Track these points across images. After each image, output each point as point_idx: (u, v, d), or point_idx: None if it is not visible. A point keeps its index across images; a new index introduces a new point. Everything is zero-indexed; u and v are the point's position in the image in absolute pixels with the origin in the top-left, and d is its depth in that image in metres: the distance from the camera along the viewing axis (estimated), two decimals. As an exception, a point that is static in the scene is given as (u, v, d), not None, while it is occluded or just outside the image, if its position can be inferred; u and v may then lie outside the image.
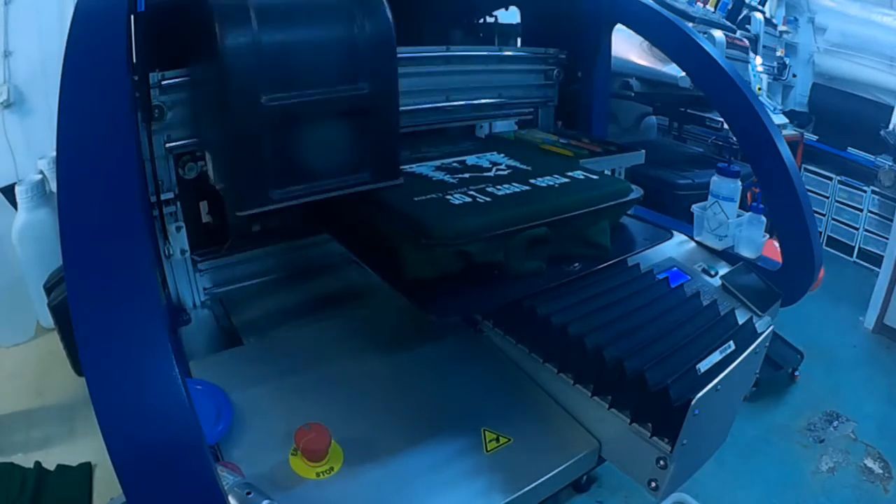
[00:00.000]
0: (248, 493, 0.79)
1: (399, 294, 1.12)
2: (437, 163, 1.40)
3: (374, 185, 1.14)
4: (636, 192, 1.30)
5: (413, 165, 1.37)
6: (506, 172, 1.33)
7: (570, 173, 1.31)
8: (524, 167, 1.37)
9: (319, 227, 1.44)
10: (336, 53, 1.03)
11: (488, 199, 1.15)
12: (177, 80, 1.23)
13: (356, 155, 1.11)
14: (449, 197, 1.16)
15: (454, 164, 1.38)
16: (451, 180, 1.26)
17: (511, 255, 1.09)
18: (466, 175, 1.30)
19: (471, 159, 1.43)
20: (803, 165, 4.03)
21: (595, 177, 1.31)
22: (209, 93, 1.08)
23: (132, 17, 1.05)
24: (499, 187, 1.21)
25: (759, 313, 1.32)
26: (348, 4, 1.02)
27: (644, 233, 1.42)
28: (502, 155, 1.47)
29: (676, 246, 1.60)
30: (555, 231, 1.13)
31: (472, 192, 1.18)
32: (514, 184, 1.24)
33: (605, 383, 1.01)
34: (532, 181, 1.26)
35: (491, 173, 1.32)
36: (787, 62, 4.27)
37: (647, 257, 1.46)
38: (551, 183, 1.25)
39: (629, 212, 1.47)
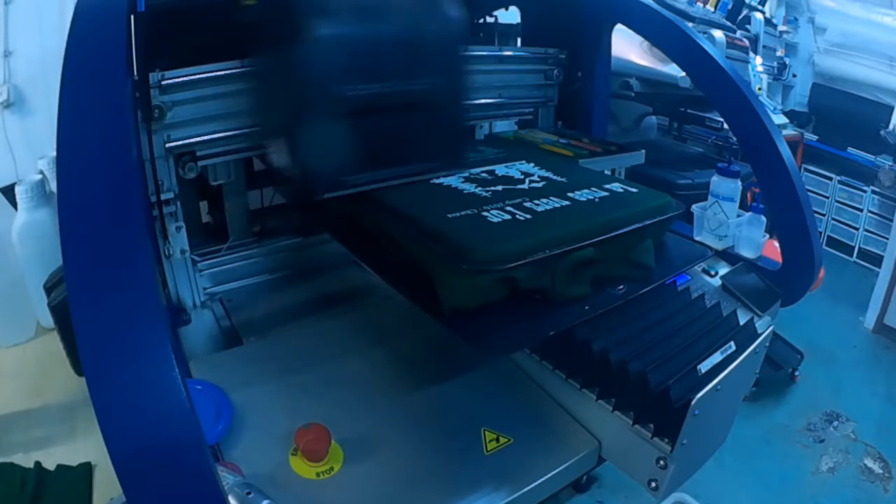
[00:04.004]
0: (248, 493, 0.79)
1: (398, 293, 1.10)
2: (465, 173, 1.29)
3: (441, 172, 1.20)
4: (678, 205, 1.20)
5: (439, 176, 1.27)
6: (540, 185, 1.23)
7: (607, 186, 1.22)
8: (558, 178, 1.27)
9: (347, 249, 1.35)
10: (410, 51, 1.09)
11: (529, 216, 1.06)
12: (177, 79, 1.24)
13: (425, 144, 1.17)
14: (486, 214, 1.06)
15: (484, 175, 1.28)
16: (485, 194, 1.16)
17: (557, 280, 1.00)
18: (499, 188, 1.20)
19: (500, 169, 1.32)
20: (803, 165, 4.03)
21: (634, 190, 1.23)
22: (288, 83, 1.08)
23: (132, 17, 1.05)
24: (537, 202, 1.12)
25: (760, 313, 1.32)
26: (422, 8, 1.08)
27: (680, 248, 1.31)
28: (532, 164, 1.37)
29: (676, 246, 1.59)
30: (600, 251, 1.04)
31: (509, 209, 1.08)
32: (552, 198, 1.14)
33: (609, 385, 1.01)
34: (570, 195, 1.16)
35: (525, 185, 1.22)
36: (787, 62, 4.27)
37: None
38: (591, 197, 1.16)
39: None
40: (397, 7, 1.07)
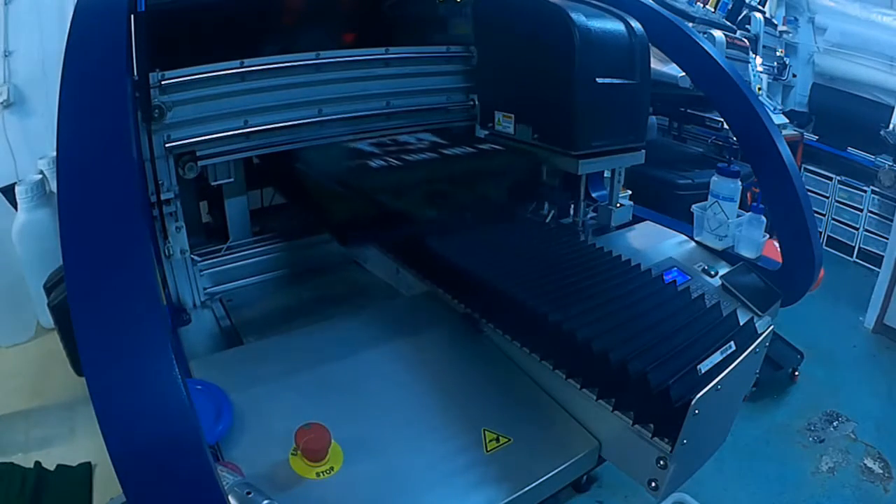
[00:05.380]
0: (248, 493, 0.79)
1: (397, 293, 1.24)
2: (375, 140, 1.63)
3: (635, 145, 1.55)
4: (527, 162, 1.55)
5: (358, 143, 1.62)
6: (425, 145, 1.62)
7: (479, 146, 1.61)
8: (443, 142, 1.64)
9: (284, 198, 1.81)
10: (626, 59, 1.46)
11: (401, 163, 1.47)
12: (177, 79, 1.24)
13: (630, 122, 1.53)
14: (370, 162, 1.47)
15: (386, 141, 1.64)
16: (378, 151, 1.55)
17: (413, 204, 1.41)
18: (392, 147, 1.58)
19: (403, 137, 1.67)
20: (803, 165, 4.03)
21: (500, 148, 1.60)
22: (550, 72, 1.43)
23: (132, 17, 1.05)
24: (413, 156, 1.52)
25: (760, 313, 1.32)
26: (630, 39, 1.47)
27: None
28: (433, 136, 1.71)
29: (676, 246, 1.60)
30: (452, 187, 1.46)
31: (389, 159, 1.49)
32: (427, 153, 1.55)
33: (609, 385, 1.01)
34: (443, 151, 1.56)
35: (413, 146, 1.61)
36: (787, 62, 4.27)
37: (647, 257, 1.46)
38: (458, 152, 1.56)
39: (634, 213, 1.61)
40: (625, 29, 1.47)
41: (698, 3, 3.61)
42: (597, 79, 1.38)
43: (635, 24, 1.46)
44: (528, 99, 1.52)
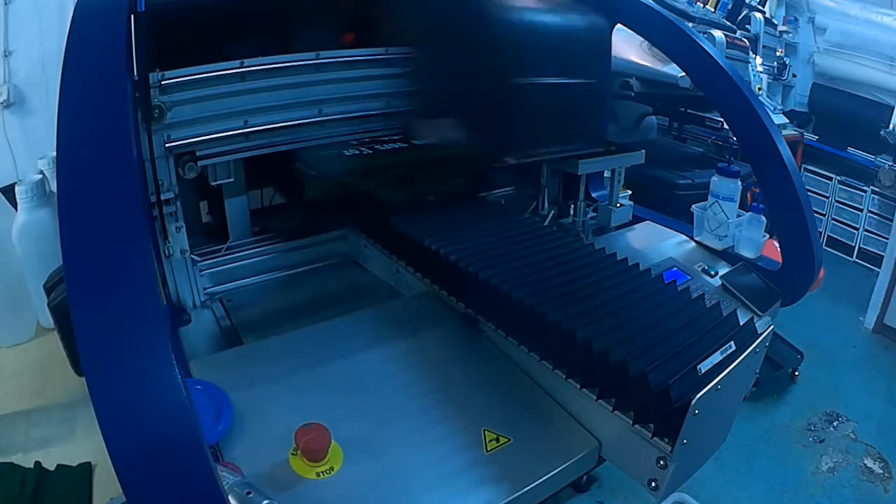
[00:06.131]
0: (248, 493, 0.79)
1: (392, 290, 1.26)
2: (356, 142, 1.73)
3: (580, 152, 1.44)
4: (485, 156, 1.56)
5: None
6: (397, 142, 1.68)
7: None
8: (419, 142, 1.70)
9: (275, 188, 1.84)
10: (568, 57, 1.37)
11: (370, 151, 1.58)
12: (177, 80, 1.24)
13: (575, 127, 1.44)
14: (346, 152, 1.57)
15: (367, 141, 1.70)
16: (355, 145, 1.63)
17: (380, 187, 1.53)
18: (367, 141, 1.65)
19: (387, 147, 1.72)
20: (803, 165, 4.03)
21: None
22: (477, 74, 1.36)
23: (132, 17, 1.05)
24: (385, 147, 1.61)
25: (760, 313, 1.32)
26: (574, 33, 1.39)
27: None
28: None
29: (676, 246, 1.60)
30: (416, 173, 1.54)
31: (362, 150, 1.58)
32: (398, 144, 1.63)
33: (609, 385, 1.01)
34: (413, 142, 1.63)
35: (387, 141, 1.69)
36: (787, 62, 4.27)
37: (647, 257, 1.46)
38: (424, 143, 1.65)
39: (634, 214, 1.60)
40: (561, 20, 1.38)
41: (698, 3, 3.61)
42: (520, 79, 1.29)
43: (590, 18, 1.36)
44: (460, 104, 1.45)
